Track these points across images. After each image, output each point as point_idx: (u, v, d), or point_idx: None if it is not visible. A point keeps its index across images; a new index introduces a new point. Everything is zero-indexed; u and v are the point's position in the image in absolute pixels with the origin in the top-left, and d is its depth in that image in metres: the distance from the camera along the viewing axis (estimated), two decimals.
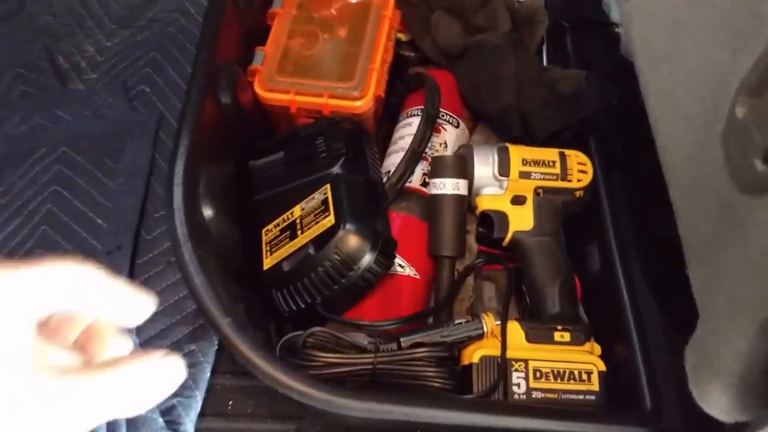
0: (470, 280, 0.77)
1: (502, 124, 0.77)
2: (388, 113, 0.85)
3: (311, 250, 0.65)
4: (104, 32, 1.00)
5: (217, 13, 0.74)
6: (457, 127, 0.82)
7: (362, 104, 0.76)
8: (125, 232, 0.79)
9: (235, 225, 0.70)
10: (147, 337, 0.75)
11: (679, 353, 0.71)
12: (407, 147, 0.78)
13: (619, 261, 0.73)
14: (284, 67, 0.78)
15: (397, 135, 0.82)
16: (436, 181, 0.72)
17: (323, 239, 0.64)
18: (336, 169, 0.68)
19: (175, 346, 0.74)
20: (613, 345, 0.71)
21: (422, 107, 0.81)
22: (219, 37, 0.73)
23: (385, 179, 0.76)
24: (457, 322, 0.66)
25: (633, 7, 0.61)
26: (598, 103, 0.78)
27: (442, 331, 0.65)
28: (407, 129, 0.81)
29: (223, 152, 0.72)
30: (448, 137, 0.81)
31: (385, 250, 0.65)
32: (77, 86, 0.95)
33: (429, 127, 0.75)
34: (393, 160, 0.79)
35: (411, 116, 0.82)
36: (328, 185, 0.68)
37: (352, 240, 0.64)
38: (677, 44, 0.53)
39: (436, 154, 0.79)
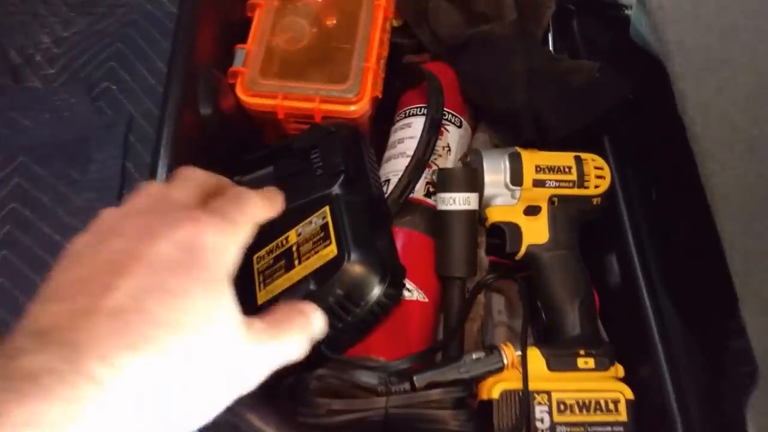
0: (481, 296, 0.71)
1: (512, 126, 0.70)
2: (383, 111, 0.77)
3: (312, 286, 0.58)
4: (60, 20, 0.90)
5: (193, 6, 0.66)
6: (460, 126, 0.75)
7: (358, 108, 0.69)
8: None
9: None
10: None
11: (710, 373, 0.67)
12: (407, 152, 0.71)
13: (640, 271, 0.67)
14: (269, 68, 0.70)
15: (395, 137, 0.74)
16: (445, 196, 0.66)
17: (325, 273, 0.58)
18: (335, 189, 0.61)
19: None
20: (637, 365, 0.65)
21: (421, 105, 0.74)
22: (196, 36, 0.64)
23: (385, 189, 0.69)
24: (475, 356, 0.60)
25: (668, 6, 0.54)
26: (613, 98, 0.71)
27: (459, 367, 0.59)
28: (406, 131, 0.74)
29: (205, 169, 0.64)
30: (451, 139, 0.74)
31: (395, 280, 0.59)
32: (33, 84, 0.86)
33: (434, 133, 0.68)
34: (392, 167, 0.72)
35: (410, 116, 0.75)
36: (327, 208, 0.61)
37: (358, 273, 0.57)
38: (728, 54, 0.47)
39: (438, 159, 0.72)
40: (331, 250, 0.58)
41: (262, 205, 0.46)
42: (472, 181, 0.66)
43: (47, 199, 0.75)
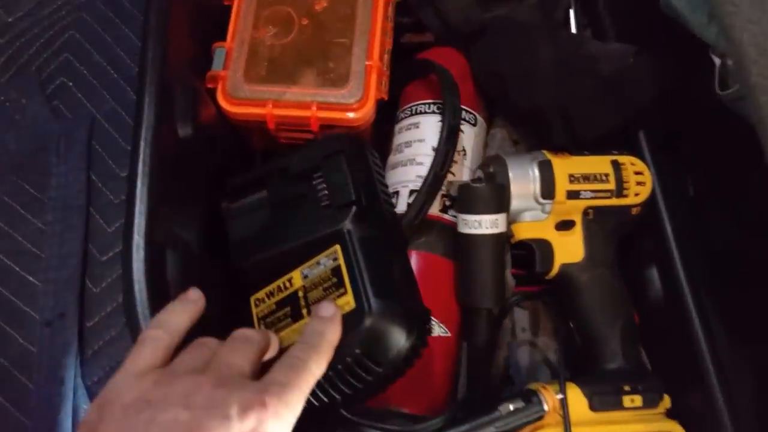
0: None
1: (538, 127, 0.61)
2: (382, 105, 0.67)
3: None
4: (2, 3, 0.77)
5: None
6: (475, 124, 0.66)
7: (361, 115, 0.59)
8: (66, 290, 0.62)
9: (215, 301, 0.54)
10: None
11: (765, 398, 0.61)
12: (417, 159, 0.63)
13: (686, 285, 0.60)
14: (254, 70, 0.60)
15: (401, 139, 0.65)
16: (469, 218, 0.57)
17: (342, 329, 0.49)
18: (346, 225, 0.52)
19: None
20: (686, 393, 0.59)
21: (429, 101, 0.64)
22: (169, 40, 0.53)
23: (393, 201, 0.61)
24: (512, 406, 0.52)
25: (743, 3, 0.45)
26: (652, 90, 0.62)
27: (495, 422, 0.52)
28: (414, 132, 0.64)
29: (188, 201, 0.55)
30: (467, 140, 0.65)
31: (421, 331, 0.51)
32: None
33: (452, 144, 0.59)
34: (401, 176, 0.63)
35: (417, 114, 0.65)
36: (338, 247, 0.52)
37: (380, 329, 0.49)
38: None
39: (453, 166, 0.62)
40: (346, 302, 0.50)
41: (317, 366, 0.44)
42: (500, 200, 0.57)
43: (2, 223, 0.65)
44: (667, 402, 0.57)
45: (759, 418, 0.58)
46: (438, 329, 0.58)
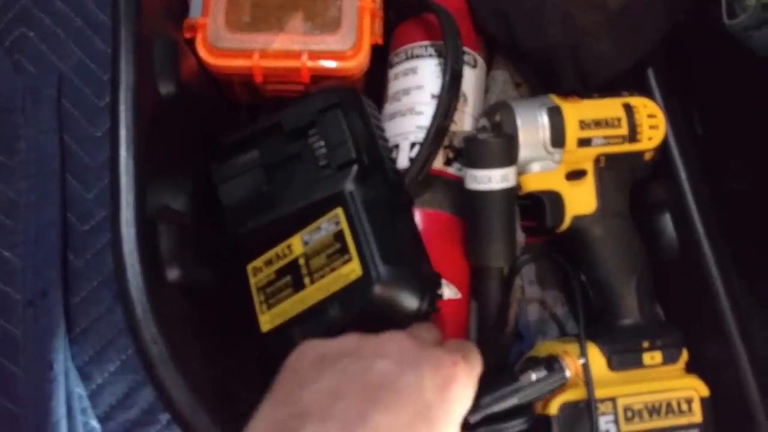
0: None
1: (546, 70, 0.57)
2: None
3: (333, 312, 0.46)
4: None
5: None
6: (475, 66, 0.61)
7: (356, 63, 0.54)
8: (48, 266, 0.58)
9: (214, 273, 0.50)
10: (107, 407, 0.57)
11: None
12: (416, 108, 0.58)
13: (703, 231, 0.58)
14: (236, 16, 0.54)
15: (397, 86, 0.60)
16: (478, 173, 0.53)
17: (349, 297, 0.46)
18: (348, 185, 0.48)
19: (148, 417, 0.56)
20: (704, 346, 0.57)
21: (426, 43, 0.60)
22: None
23: (393, 155, 0.57)
24: (535, 376, 0.50)
25: None
26: (664, 25, 0.58)
27: (518, 393, 0.49)
28: (412, 78, 0.59)
29: (176, 167, 0.50)
30: (467, 85, 0.60)
31: (432, 296, 0.48)
32: None
33: (455, 91, 0.55)
34: (400, 128, 0.58)
35: (413, 58, 0.60)
36: (340, 210, 0.48)
37: (391, 296, 0.46)
38: None
39: (455, 114, 0.58)
40: (352, 269, 0.46)
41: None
42: (510, 152, 0.53)
43: None
44: (685, 355, 0.55)
45: None
46: (448, 291, 0.54)
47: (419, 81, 0.59)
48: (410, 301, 0.46)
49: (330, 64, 0.54)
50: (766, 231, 0.58)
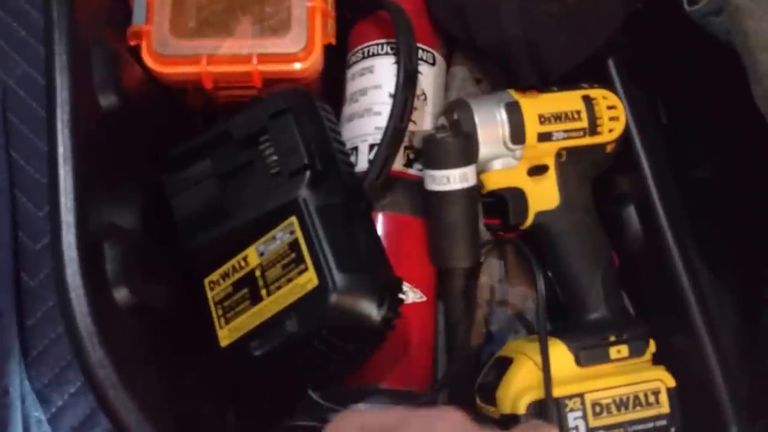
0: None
1: (504, 65, 0.56)
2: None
3: (291, 326, 0.45)
4: None
5: None
6: (434, 64, 0.60)
7: (308, 65, 0.53)
8: (0, 288, 0.56)
9: (168, 291, 0.49)
10: (68, 430, 0.55)
11: (748, 334, 0.59)
12: (374, 108, 0.57)
13: (667, 224, 0.57)
14: (182, 22, 0.53)
15: (355, 86, 0.59)
16: (437, 174, 0.52)
17: (306, 308, 0.45)
18: (301, 192, 0.47)
19: None
20: (670, 336, 0.56)
21: (382, 41, 0.58)
22: None
23: (353, 159, 0.55)
24: None
25: None
26: (621, 14, 0.57)
27: None
28: (369, 78, 0.58)
29: (123, 182, 0.49)
30: (426, 83, 0.59)
31: (393, 301, 0.47)
32: None
33: (410, 89, 0.53)
34: (358, 129, 0.57)
35: (370, 56, 0.59)
36: (294, 219, 0.47)
37: (348, 305, 0.44)
38: None
39: (414, 113, 0.57)
40: (308, 279, 0.45)
41: None
42: (468, 151, 0.52)
43: None
44: (652, 347, 0.55)
45: (743, 356, 0.56)
46: (413, 295, 0.54)
47: (376, 80, 0.58)
48: (368, 309, 0.45)
49: (281, 66, 0.52)
50: (728, 218, 0.58)
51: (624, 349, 0.54)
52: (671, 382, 0.53)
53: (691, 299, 0.55)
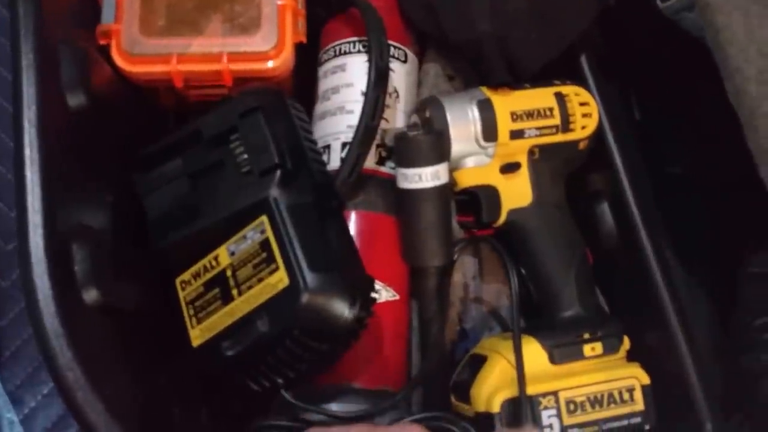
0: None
1: (476, 62, 0.56)
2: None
3: (262, 326, 0.45)
4: None
5: None
6: (405, 61, 0.60)
7: (279, 63, 0.53)
8: None
9: (138, 286, 0.49)
10: (40, 430, 0.55)
11: (721, 329, 0.60)
12: (347, 107, 0.57)
13: (641, 222, 0.57)
14: (151, 21, 0.52)
15: (326, 84, 0.59)
16: (408, 172, 0.52)
17: (277, 308, 0.45)
18: (272, 192, 0.47)
19: None
20: (644, 332, 0.57)
21: (354, 39, 0.58)
22: None
23: (325, 157, 0.55)
24: None
25: None
26: (594, 10, 0.57)
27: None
28: (341, 76, 0.58)
29: (93, 182, 0.48)
30: (398, 80, 0.59)
31: (365, 301, 0.46)
32: None
33: (381, 88, 0.53)
34: (330, 128, 0.57)
35: (342, 54, 0.59)
36: (265, 218, 0.46)
37: (319, 304, 0.44)
38: None
39: (386, 111, 0.57)
40: (279, 278, 0.45)
41: None
42: (440, 149, 0.52)
43: None
44: (626, 344, 0.55)
45: (717, 351, 0.57)
46: (386, 293, 0.54)
47: (348, 78, 0.58)
48: (340, 308, 0.45)
49: (252, 65, 0.52)
50: (702, 214, 0.58)
51: (598, 347, 0.54)
52: (646, 380, 0.54)
53: (664, 295, 0.55)
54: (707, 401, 0.53)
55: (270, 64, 0.52)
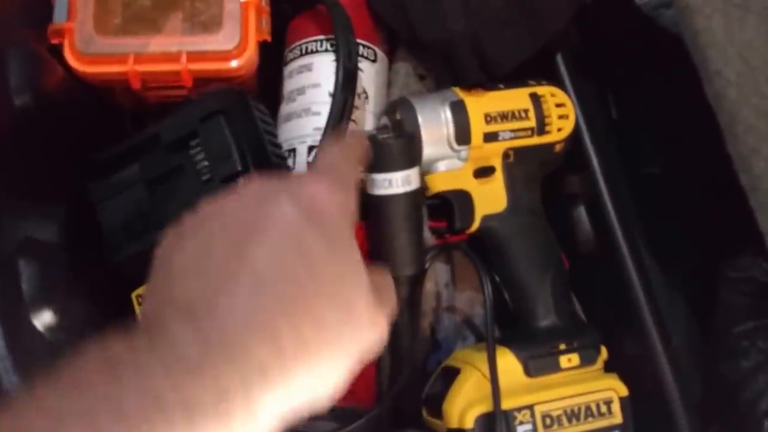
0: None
1: (448, 62, 0.54)
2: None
3: None
4: None
5: None
6: (375, 60, 0.58)
7: (242, 63, 0.50)
8: None
9: (92, 302, 0.46)
10: None
11: (700, 335, 0.58)
12: (313, 108, 0.55)
13: (618, 226, 0.55)
14: (107, 18, 0.50)
15: (292, 85, 0.56)
16: (378, 177, 0.49)
17: None
18: None
19: None
20: (621, 340, 0.55)
21: (320, 37, 0.56)
22: None
23: (291, 162, 0.53)
24: None
25: None
26: (570, 8, 0.55)
27: None
28: (307, 76, 0.56)
29: (42, 191, 0.46)
30: (367, 81, 0.57)
31: None
32: None
33: (349, 89, 0.51)
34: (297, 130, 0.55)
35: (308, 53, 0.56)
36: None
37: None
38: None
39: (355, 112, 0.54)
40: None
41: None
42: (411, 153, 0.50)
43: None
44: (604, 354, 0.54)
45: (695, 360, 0.55)
46: None
47: (315, 79, 0.55)
48: None
49: (213, 65, 0.50)
50: (680, 216, 0.57)
51: (575, 358, 0.52)
52: (624, 391, 0.52)
53: (642, 302, 0.54)
54: (686, 412, 0.52)
55: (233, 63, 0.50)
